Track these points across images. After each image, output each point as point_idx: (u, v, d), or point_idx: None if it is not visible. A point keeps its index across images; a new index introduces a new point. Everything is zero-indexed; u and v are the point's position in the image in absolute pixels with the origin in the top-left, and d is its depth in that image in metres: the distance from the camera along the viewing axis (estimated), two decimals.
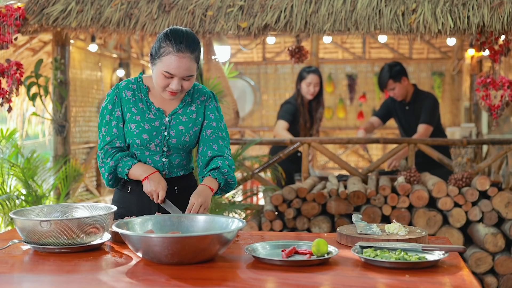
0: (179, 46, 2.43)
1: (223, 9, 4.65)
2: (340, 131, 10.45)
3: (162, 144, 2.58)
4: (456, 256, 2.08)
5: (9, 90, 4.59)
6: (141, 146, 2.58)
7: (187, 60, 2.45)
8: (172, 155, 2.62)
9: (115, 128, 2.60)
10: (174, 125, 2.59)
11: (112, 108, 2.60)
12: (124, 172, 2.58)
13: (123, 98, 2.60)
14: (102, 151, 2.61)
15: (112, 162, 2.57)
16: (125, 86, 2.62)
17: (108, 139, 2.60)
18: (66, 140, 5.53)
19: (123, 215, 2.61)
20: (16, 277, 1.92)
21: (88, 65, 8.05)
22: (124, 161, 2.57)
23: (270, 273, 1.90)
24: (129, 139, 2.59)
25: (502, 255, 4.34)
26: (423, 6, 4.40)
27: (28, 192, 5.13)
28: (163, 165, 2.62)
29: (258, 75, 10.77)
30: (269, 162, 5.27)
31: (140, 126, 2.56)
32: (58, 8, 4.77)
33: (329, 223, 4.56)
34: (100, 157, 2.62)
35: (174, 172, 2.65)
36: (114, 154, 2.59)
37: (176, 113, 2.61)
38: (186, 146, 2.63)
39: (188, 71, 2.47)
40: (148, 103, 2.60)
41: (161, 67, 2.46)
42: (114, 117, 2.60)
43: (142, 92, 2.61)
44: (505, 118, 7.98)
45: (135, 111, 2.58)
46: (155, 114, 2.59)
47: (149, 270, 1.93)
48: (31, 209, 2.34)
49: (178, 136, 2.59)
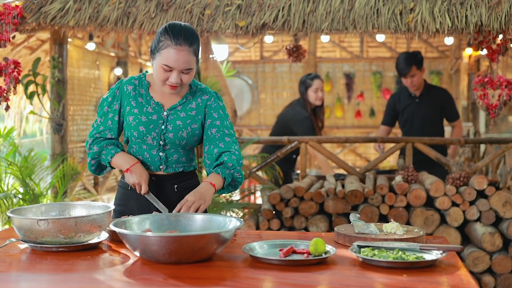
0: (177, 40, 2.46)
1: (221, 7, 4.64)
2: (337, 130, 10.44)
3: (158, 137, 2.59)
4: (453, 255, 2.09)
5: (6, 88, 4.58)
6: (138, 138, 2.59)
7: (185, 53, 2.47)
8: (169, 150, 2.62)
9: (110, 120, 2.64)
10: (172, 119, 2.60)
11: (111, 100, 2.65)
12: (106, 160, 2.62)
13: (124, 92, 2.64)
14: (91, 138, 2.66)
15: (96, 148, 2.62)
16: (127, 81, 2.67)
17: (102, 128, 2.65)
18: (63, 139, 5.52)
19: (124, 212, 2.62)
20: (14, 276, 1.92)
21: (86, 64, 8.03)
22: (108, 149, 2.61)
23: (267, 272, 1.90)
24: (127, 132, 2.62)
25: (499, 254, 4.34)
26: (421, 5, 4.40)
27: (25, 190, 5.13)
28: (160, 159, 2.62)
29: (256, 74, 10.76)
30: (267, 161, 5.27)
31: (137, 119, 2.58)
32: (56, 7, 4.76)
33: (327, 222, 4.57)
34: (88, 143, 2.67)
35: (172, 168, 2.64)
36: (100, 141, 2.64)
37: (174, 108, 2.62)
38: (184, 143, 2.62)
39: (187, 64, 2.49)
40: (148, 97, 2.63)
41: (160, 61, 2.48)
42: (112, 110, 2.65)
43: (143, 87, 2.64)
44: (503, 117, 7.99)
45: (134, 105, 2.61)
46: (153, 108, 2.61)
47: (146, 269, 1.93)
48: (29, 208, 2.34)
49: (175, 130, 2.59)
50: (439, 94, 5.53)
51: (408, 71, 5.34)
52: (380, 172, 5.38)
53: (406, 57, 5.38)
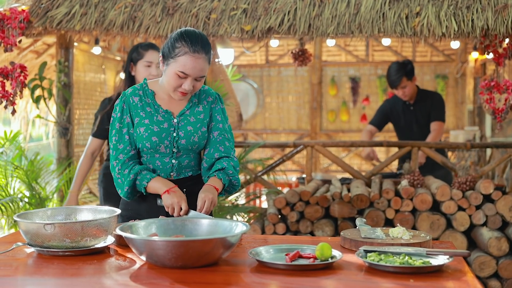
0: (195, 47, 2.46)
1: (227, 12, 4.65)
2: (343, 134, 10.44)
3: (171, 145, 2.59)
4: (460, 260, 2.08)
5: (13, 92, 4.59)
6: (150, 149, 2.58)
7: (202, 61, 2.48)
8: (181, 156, 2.63)
9: (126, 135, 2.60)
10: (182, 126, 2.60)
11: (121, 115, 2.61)
12: (142, 186, 2.57)
13: (131, 104, 2.61)
14: (117, 161, 2.59)
15: (132, 176, 2.56)
16: (131, 92, 2.63)
17: (121, 147, 2.60)
18: (69, 143, 5.53)
19: (131, 217, 2.62)
20: (20, 280, 1.92)
21: (92, 68, 8.05)
22: (143, 175, 2.57)
23: (274, 277, 1.90)
24: (138, 143, 2.59)
25: (506, 259, 4.32)
26: (427, 9, 4.39)
27: (31, 194, 5.14)
28: (172, 166, 2.62)
29: (261, 77, 10.77)
30: (272, 165, 5.27)
31: (149, 129, 2.57)
32: (62, 11, 4.78)
33: (332, 227, 4.56)
34: (116, 167, 2.59)
35: (182, 173, 2.65)
36: (132, 166, 2.58)
37: (184, 114, 2.62)
38: (196, 147, 2.63)
39: (202, 72, 2.50)
40: (156, 106, 2.61)
41: (176, 67, 2.47)
42: (124, 124, 2.61)
43: (149, 97, 2.63)
44: (509, 121, 7.96)
45: (143, 115, 2.59)
46: (163, 116, 2.60)
47: (152, 274, 1.93)
48: (35, 212, 2.34)
49: (187, 136, 2.60)
50: (430, 98, 5.46)
51: (399, 83, 5.26)
52: (386, 176, 5.37)
53: (396, 69, 5.27)
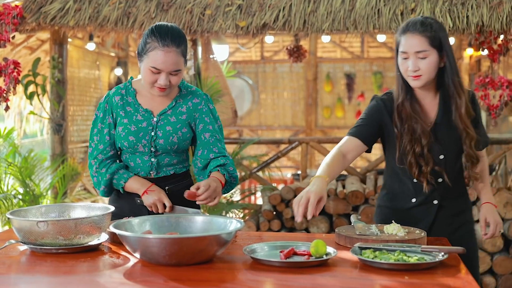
0: (164, 41, 2.42)
1: (222, 8, 4.63)
2: (338, 130, 10.44)
3: (149, 144, 2.56)
4: (455, 257, 2.08)
5: (6, 88, 4.57)
6: (129, 148, 2.56)
7: (173, 54, 2.44)
8: (161, 155, 2.60)
9: (107, 135, 2.59)
10: (161, 125, 2.57)
11: (103, 116, 2.60)
12: (119, 185, 2.57)
13: (113, 104, 2.60)
14: (95, 160, 2.60)
15: (108, 175, 2.56)
16: (114, 92, 2.62)
17: (101, 147, 2.59)
18: (63, 139, 5.52)
19: (117, 214, 2.59)
20: (13, 278, 1.91)
21: (86, 64, 8.03)
22: (120, 174, 2.57)
23: (268, 274, 1.89)
24: (117, 143, 2.58)
25: (500, 255, 4.33)
26: (422, 6, 4.39)
27: (25, 191, 5.12)
28: (151, 165, 2.60)
29: (257, 74, 10.76)
30: (267, 161, 5.27)
31: (126, 128, 2.55)
32: (55, 7, 4.75)
33: (327, 223, 4.56)
34: (93, 166, 2.60)
35: (162, 172, 2.62)
36: (109, 165, 2.58)
37: (165, 113, 2.59)
38: (175, 147, 2.59)
39: (175, 66, 2.45)
40: (136, 105, 2.58)
41: (148, 63, 2.45)
42: (106, 125, 2.60)
43: (130, 95, 2.60)
44: (504, 118, 7.98)
45: (123, 115, 2.57)
46: (143, 115, 2.57)
47: (146, 271, 1.92)
48: (28, 209, 2.33)
49: (165, 136, 2.56)
50: None
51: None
52: (381, 172, 5.37)
53: None
